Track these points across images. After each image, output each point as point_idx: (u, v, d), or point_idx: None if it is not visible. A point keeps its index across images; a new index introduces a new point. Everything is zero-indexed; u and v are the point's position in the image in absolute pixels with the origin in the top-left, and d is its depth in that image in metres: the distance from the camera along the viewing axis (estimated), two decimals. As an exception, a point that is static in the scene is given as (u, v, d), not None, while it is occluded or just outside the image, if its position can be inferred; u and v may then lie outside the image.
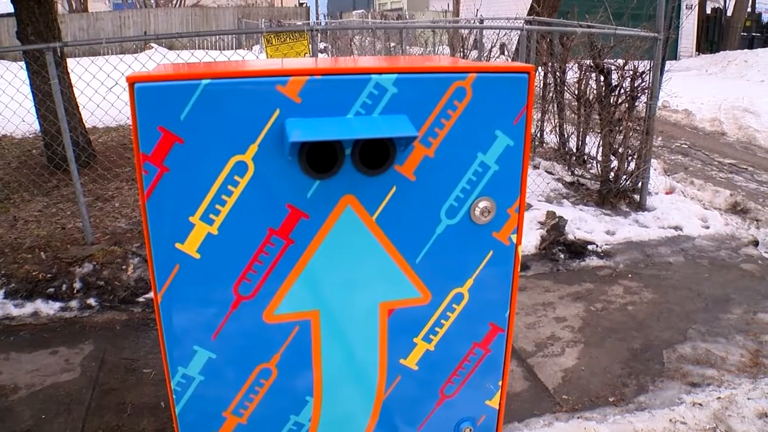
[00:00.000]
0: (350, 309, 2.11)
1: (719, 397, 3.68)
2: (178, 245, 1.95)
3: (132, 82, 1.80)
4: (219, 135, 1.87)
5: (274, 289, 2.04)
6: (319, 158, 1.90)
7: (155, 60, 6.89)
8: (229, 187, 1.92)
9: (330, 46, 19.88)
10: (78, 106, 8.19)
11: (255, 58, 6.59)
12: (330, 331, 2.12)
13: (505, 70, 1.97)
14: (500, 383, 2.36)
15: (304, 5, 43.54)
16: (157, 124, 1.83)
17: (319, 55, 10.38)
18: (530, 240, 5.88)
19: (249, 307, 2.06)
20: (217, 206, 1.93)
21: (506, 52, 9.92)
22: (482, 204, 2.05)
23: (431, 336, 2.21)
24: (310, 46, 6.47)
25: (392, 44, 11.18)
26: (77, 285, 5.14)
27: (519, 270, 2.22)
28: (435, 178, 2.01)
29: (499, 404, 2.41)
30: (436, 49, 10.98)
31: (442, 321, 2.19)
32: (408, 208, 2.02)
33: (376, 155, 1.91)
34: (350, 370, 2.20)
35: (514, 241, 2.15)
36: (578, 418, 3.56)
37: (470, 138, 1.99)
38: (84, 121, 8.44)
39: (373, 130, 1.81)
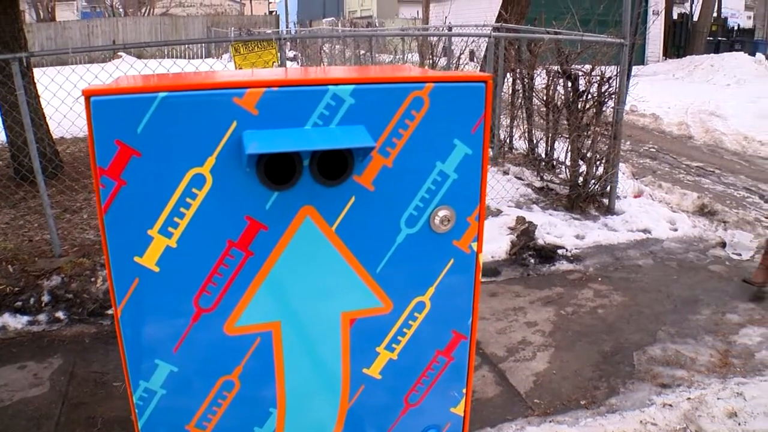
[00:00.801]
0: (312, 319, 2.11)
1: (689, 398, 3.72)
2: (137, 259, 1.94)
3: (88, 95, 1.79)
4: (176, 148, 1.86)
5: (234, 301, 2.04)
6: (278, 170, 1.89)
7: (122, 69, 6.85)
8: (187, 199, 1.91)
9: (300, 54, 19.87)
10: (45, 117, 8.09)
11: (224, 68, 6.56)
12: (292, 341, 2.12)
13: (462, 79, 1.98)
14: (464, 390, 2.37)
15: (274, 13, 43.52)
16: (114, 138, 1.82)
17: (289, 63, 10.39)
18: (500, 245, 5.91)
19: (210, 320, 2.04)
20: (176, 219, 1.92)
21: (475, 59, 9.98)
22: (442, 213, 2.06)
23: (394, 345, 2.21)
24: (278, 54, 6.46)
25: (362, 52, 11.21)
26: (45, 298, 5.07)
27: (480, 277, 2.23)
28: (394, 187, 2.02)
29: (464, 411, 2.42)
30: (406, 56, 11.02)
31: (405, 330, 2.20)
32: (367, 218, 2.03)
33: (335, 166, 1.92)
34: (313, 381, 2.20)
35: (475, 249, 2.16)
36: (550, 422, 3.58)
37: (429, 147, 2.01)
38: (51, 132, 8.34)
39: (331, 142, 1.82)
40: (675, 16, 32.41)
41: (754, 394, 3.72)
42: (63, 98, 6.25)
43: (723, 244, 6.30)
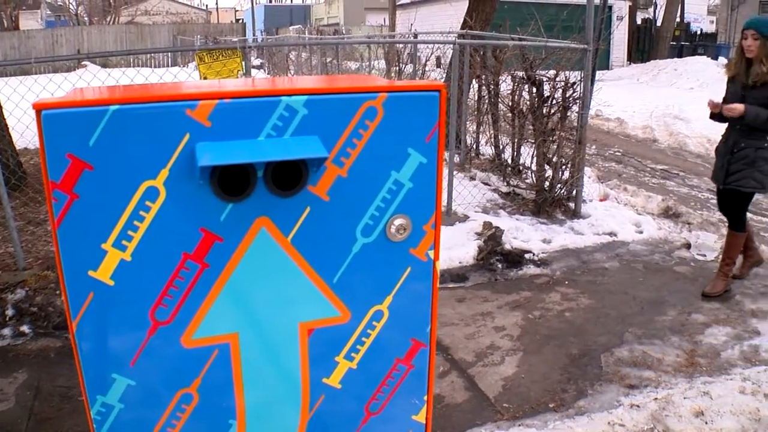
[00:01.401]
0: (270, 330, 2.10)
1: (656, 398, 3.74)
2: (91, 273, 1.92)
3: (39, 109, 1.78)
4: (129, 161, 1.85)
5: (191, 313, 2.03)
6: (232, 181, 1.89)
7: (85, 79, 6.76)
8: (141, 212, 1.90)
9: (266, 63, 19.82)
10: (7, 128, 7.97)
11: (188, 77, 6.53)
12: (250, 353, 2.11)
13: (416, 88, 2.00)
14: (426, 398, 2.38)
15: (240, 21, 43.37)
16: (66, 151, 1.81)
17: (255, 71, 10.35)
18: (468, 251, 5.92)
19: (166, 333, 2.03)
20: (130, 232, 1.91)
21: (442, 66, 10.02)
22: (398, 221, 2.07)
23: (353, 354, 2.21)
24: (244, 63, 6.43)
25: (328, 59, 11.21)
26: (9, 312, 4.99)
27: (438, 285, 2.24)
28: (349, 197, 2.02)
29: (426, 419, 2.42)
30: (372, 63, 11.04)
31: (363, 339, 2.20)
32: (323, 228, 2.03)
33: (290, 176, 1.92)
34: (273, 392, 2.19)
35: (432, 256, 2.17)
36: (519, 425, 3.59)
37: (383, 156, 2.01)
38: (14, 143, 8.22)
39: (284, 153, 1.82)
40: (639, 22, 32.93)
41: (720, 392, 3.75)
42: (25, 109, 6.16)
43: (688, 246, 6.37)
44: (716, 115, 5.11)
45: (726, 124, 5.16)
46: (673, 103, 15.00)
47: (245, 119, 1.87)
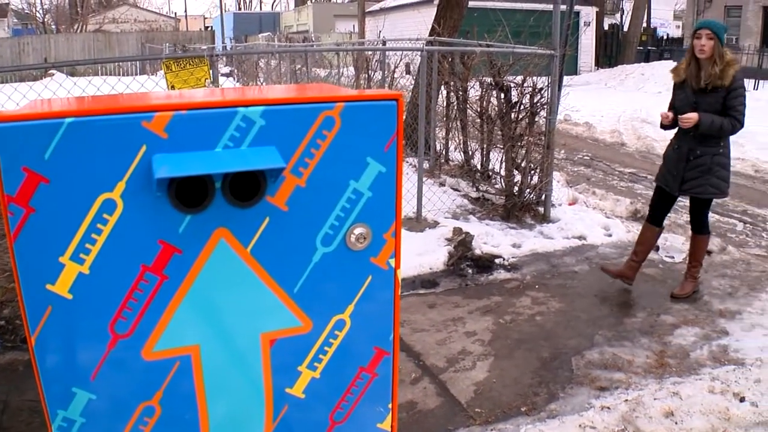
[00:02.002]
0: (231, 342, 2.10)
1: (627, 400, 3.76)
2: (48, 286, 1.91)
3: (-7, 122, 1.76)
4: (85, 173, 1.84)
5: (151, 325, 2.01)
6: (190, 192, 1.89)
7: (51, 89, 6.69)
8: (99, 225, 1.89)
9: (235, 70, 19.74)
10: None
11: (155, 85, 6.48)
12: (212, 364, 2.10)
13: (373, 98, 2.01)
14: (390, 405, 2.38)
15: (209, 29, 43.19)
16: (21, 165, 1.80)
17: (224, 79, 10.32)
18: (438, 257, 5.93)
19: (127, 345, 2.02)
20: (87, 245, 1.90)
21: (411, 72, 10.06)
22: (358, 230, 2.08)
23: (316, 363, 2.21)
24: (211, 71, 6.41)
25: (298, 66, 11.20)
26: (-26, 326, 4.91)
27: (400, 293, 2.24)
28: (308, 207, 2.03)
29: (391, 426, 2.42)
30: (341, 70, 11.05)
31: (326, 348, 2.20)
32: (282, 238, 2.03)
33: (248, 187, 1.92)
34: (236, 403, 2.18)
35: (393, 265, 2.18)
36: (491, 430, 3.59)
37: (342, 166, 2.02)
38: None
39: (241, 164, 1.82)
40: (606, 27, 33.33)
41: (690, 392, 3.78)
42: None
43: (656, 248, 6.43)
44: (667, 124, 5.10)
45: (674, 130, 5.16)
46: (641, 107, 15.16)
47: (202, 130, 1.87)
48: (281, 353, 2.16)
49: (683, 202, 8.30)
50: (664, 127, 5.13)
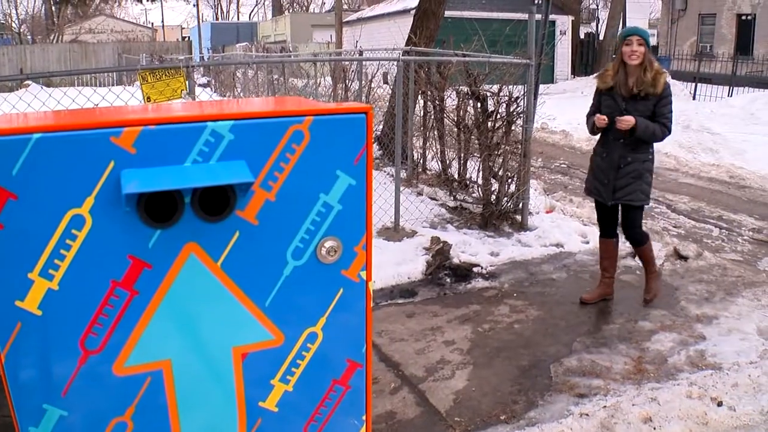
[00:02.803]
0: (203, 356, 2.09)
1: (605, 406, 3.77)
2: (18, 303, 1.90)
3: (-40, 138, 1.75)
4: (53, 189, 1.83)
5: (122, 341, 2.01)
6: (159, 207, 1.88)
7: (26, 100, 6.65)
8: (67, 241, 1.88)
9: (213, 81, 19.71)
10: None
11: (131, 96, 6.45)
12: (184, 379, 2.10)
13: (342, 111, 2.02)
14: (364, 417, 2.38)
15: (187, 39, 43.06)
16: (-12, 181, 1.79)
17: (202, 89, 10.31)
18: (416, 266, 5.94)
19: (97, 361, 2.01)
20: (56, 261, 1.89)
21: (389, 82, 10.09)
22: (328, 243, 2.09)
23: (288, 377, 2.21)
24: (187, 82, 6.38)
25: (275, 77, 11.21)
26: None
27: (371, 305, 2.25)
28: (278, 220, 2.03)
29: (366, 438, 2.43)
30: (318, 80, 11.06)
31: (298, 361, 2.20)
32: (253, 252, 2.03)
33: (218, 201, 1.92)
34: (209, 417, 2.17)
35: (364, 277, 2.18)
36: (471, 438, 3.61)
37: (311, 180, 2.03)
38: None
39: (210, 178, 1.82)
40: (582, 36, 33.65)
41: (668, 398, 3.80)
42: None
43: (633, 255, 6.47)
44: (594, 127, 5.02)
45: (598, 137, 5.13)
46: (617, 114, 15.29)
47: (171, 145, 1.87)
48: (253, 367, 2.16)
49: (660, 208, 8.44)
50: (594, 131, 5.07)
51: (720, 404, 3.74)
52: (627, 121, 4.67)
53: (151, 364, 2.06)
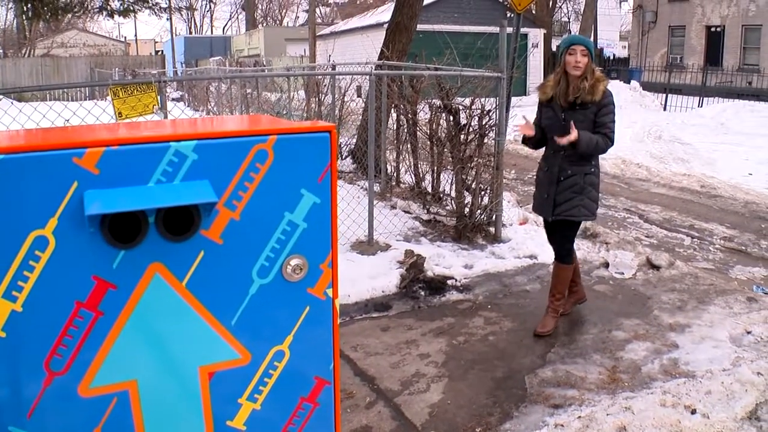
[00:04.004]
0: (169, 376, 2.09)
1: (580, 416, 3.78)
2: (-20, 325, 1.88)
3: None
4: (16, 210, 1.83)
5: (87, 362, 2.00)
6: (123, 228, 1.88)
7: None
8: (31, 262, 1.87)
9: (186, 95, 19.65)
10: None
11: (102, 111, 6.41)
12: (150, 399, 2.09)
13: (306, 130, 2.03)
14: (334, 435, 2.39)
15: (160, 53, 42.89)
16: (-51, 203, 1.78)
17: (174, 104, 10.27)
18: (390, 280, 5.95)
19: (63, 383, 2.00)
20: (20, 283, 1.88)
21: (362, 95, 10.13)
22: (294, 262, 2.09)
23: (256, 395, 2.21)
24: (159, 97, 6.36)
25: (248, 91, 11.21)
26: None
27: (338, 322, 2.26)
28: (243, 239, 2.04)
29: (336, 455, 2.42)
30: (292, 94, 11.07)
31: (266, 379, 2.20)
32: (218, 271, 2.04)
33: (182, 221, 1.92)
34: (176, 438, 2.16)
35: (331, 295, 2.19)
36: (447, 452, 3.61)
37: (276, 198, 2.04)
38: None
39: (173, 199, 1.83)
40: (554, 48, 33.98)
41: (642, 407, 3.82)
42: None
43: (606, 265, 6.52)
44: (529, 140, 4.87)
45: (542, 150, 4.95)
46: (589, 126, 15.43)
47: (134, 166, 1.87)
48: (220, 386, 2.16)
49: (632, 218, 8.53)
50: (525, 142, 4.90)
51: (694, 412, 3.77)
52: (568, 139, 4.42)
53: (117, 385, 2.05)
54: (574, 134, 4.40)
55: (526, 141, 4.91)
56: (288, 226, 2.07)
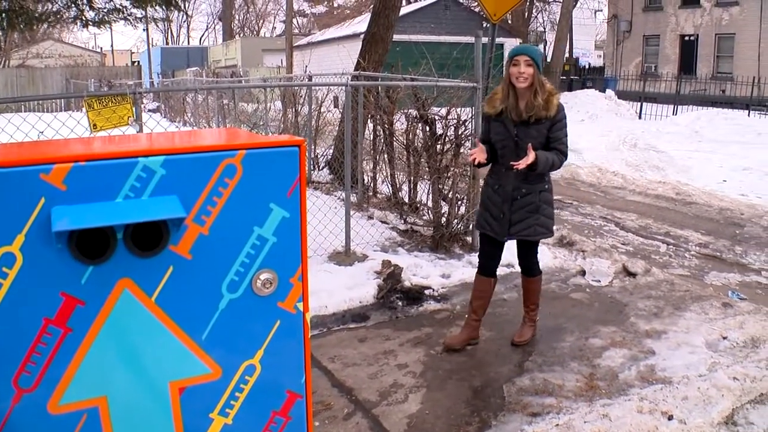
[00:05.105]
0: (139, 392, 2.08)
1: (557, 424, 3.79)
2: (-52, 342, 1.87)
3: None
4: (-18, 227, 1.81)
5: (56, 379, 1.99)
6: (91, 243, 1.88)
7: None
8: (-2, 279, 1.86)
9: (162, 106, 19.56)
10: None
11: (77, 123, 6.37)
12: (120, 416, 2.08)
13: (275, 144, 2.04)
14: (306, 448, 2.38)
15: (136, 64, 42.68)
16: None
17: (150, 115, 10.23)
18: (368, 290, 5.94)
19: (32, 400, 1.99)
20: (-13, 300, 1.86)
21: (339, 105, 10.14)
22: (263, 276, 2.10)
23: (227, 410, 2.20)
24: (134, 109, 6.33)
25: (225, 101, 11.18)
26: None
27: (309, 336, 2.26)
28: (212, 254, 2.04)
29: (309, 469, 2.42)
30: (268, 105, 11.06)
31: (237, 394, 2.20)
32: (187, 286, 2.04)
33: (151, 236, 1.92)
34: (147, 454, 2.15)
35: (301, 308, 2.19)
36: (425, 462, 3.61)
37: (245, 213, 2.04)
38: None
39: (141, 214, 1.82)
40: (530, 58, 34.23)
41: (619, 414, 3.84)
42: None
43: (583, 273, 6.56)
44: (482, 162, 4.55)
45: (488, 167, 4.70)
46: (566, 134, 15.54)
47: (102, 181, 1.87)
48: (192, 401, 2.15)
49: (608, 226, 8.60)
50: (479, 164, 4.57)
51: (671, 418, 3.79)
52: (525, 162, 4.22)
53: (86, 402, 2.03)
54: (531, 156, 4.22)
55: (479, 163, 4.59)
56: (257, 240, 2.08)
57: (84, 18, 9.38)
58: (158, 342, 2.05)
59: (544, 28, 41.26)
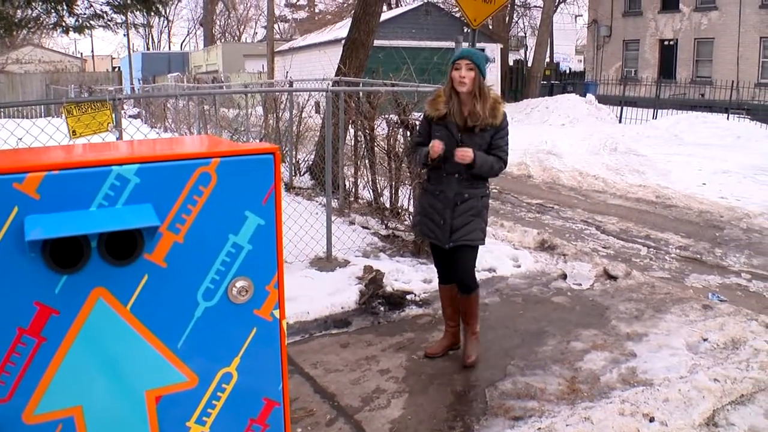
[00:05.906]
0: (115, 401, 2.07)
1: (540, 428, 3.80)
2: None
3: None
4: (-45, 237, 1.80)
5: (31, 388, 1.97)
6: (65, 252, 1.87)
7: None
8: (-30, 289, 1.84)
9: (143, 111, 19.46)
10: None
11: (56, 129, 6.33)
12: (96, 425, 2.06)
13: (249, 152, 2.04)
14: (285, 456, 2.37)
15: (117, 69, 42.44)
16: None
17: (130, 121, 10.17)
18: (349, 296, 5.94)
19: (6, 410, 1.97)
20: (-40, 310, 1.85)
21: (320, 111, 10.14)
22: (239, 284, 2.10)
23: (204, 418, 2.20)
24: (114, 115, 6.30)
25: (206, 107, 11.15)
26: None
27: (286, 343, 2.26)
28: (187, 262, 2.03)
29: (287, 476, 2.41)
30: (249, 111, 11.05)
31: (214, 402, 2.19)
32: (162, 294, 2.03)
33: (125, 245, 1.91)
34: (124, 463, 2.14)
35: (278, 316, 2.19)
36: (408, 467, 3.60)
37: (220, 221, 2.04)
38: None
39: (115, 223, 1.82)
40: (511, 63, 34.51)
41: (601, 416, 3.86)
42: None
43: (564, 276, 6.59)
44: (428, 162, 4.42)
45: (425, 172, 4.67)
46: (546, 139, 15.63)
47: (75, 190, 1.86)
48: (168, 410, 2.14)
49: (589, 230, 8.65)
50: (426, 164, 4.48)
51: (652, 420, 3.82)
52: (465, 153, 4.17)
53: (62, 411, 2.02)
54: (470, 151, 4.17)
55: (426, 162, 4.45)
56: (233, 248, 2.08)
57: (64, 24, 9.31)
58: (134, 351, 2.04)
59: (525, 34, 41.52)
